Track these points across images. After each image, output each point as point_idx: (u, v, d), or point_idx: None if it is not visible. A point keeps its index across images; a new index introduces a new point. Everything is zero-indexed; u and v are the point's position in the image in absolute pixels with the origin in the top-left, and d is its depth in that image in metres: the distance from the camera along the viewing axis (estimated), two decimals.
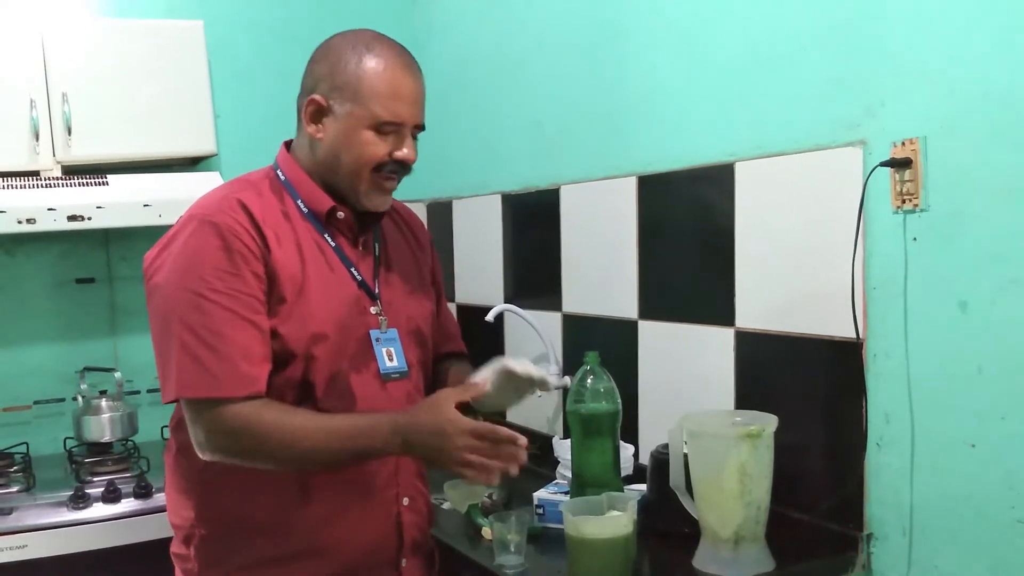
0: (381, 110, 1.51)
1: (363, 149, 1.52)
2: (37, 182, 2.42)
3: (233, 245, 1.45)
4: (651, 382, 2.14)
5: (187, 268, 1.46)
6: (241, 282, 1.45)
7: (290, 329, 1.49)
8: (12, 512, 2.21)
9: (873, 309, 1.63)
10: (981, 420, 1.48)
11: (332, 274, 1.56)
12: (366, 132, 1.51)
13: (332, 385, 1.53)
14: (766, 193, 1.82)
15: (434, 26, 3.02)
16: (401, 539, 1.60)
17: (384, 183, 1.55)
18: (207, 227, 1.47)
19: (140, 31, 2.59)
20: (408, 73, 1.55)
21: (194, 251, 1.46)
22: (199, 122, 2.64)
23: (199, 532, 1.56)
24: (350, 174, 1.54)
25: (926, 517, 1.57)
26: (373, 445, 1.46)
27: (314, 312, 1.51)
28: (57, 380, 2.77)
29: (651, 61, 2.10)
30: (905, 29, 1.55)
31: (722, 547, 1.62)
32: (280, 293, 1.49)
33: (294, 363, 1.50)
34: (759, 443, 1.60)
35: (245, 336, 1.45)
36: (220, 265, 1.45)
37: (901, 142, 1.55)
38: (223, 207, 1.49)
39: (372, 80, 1.51)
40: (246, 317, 1.45)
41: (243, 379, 1.44)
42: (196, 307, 1.44)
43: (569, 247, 2.42)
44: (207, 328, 1.43)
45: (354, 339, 1.56)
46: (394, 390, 1.59)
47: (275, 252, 1.49)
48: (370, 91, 1.51)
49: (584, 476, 1.80)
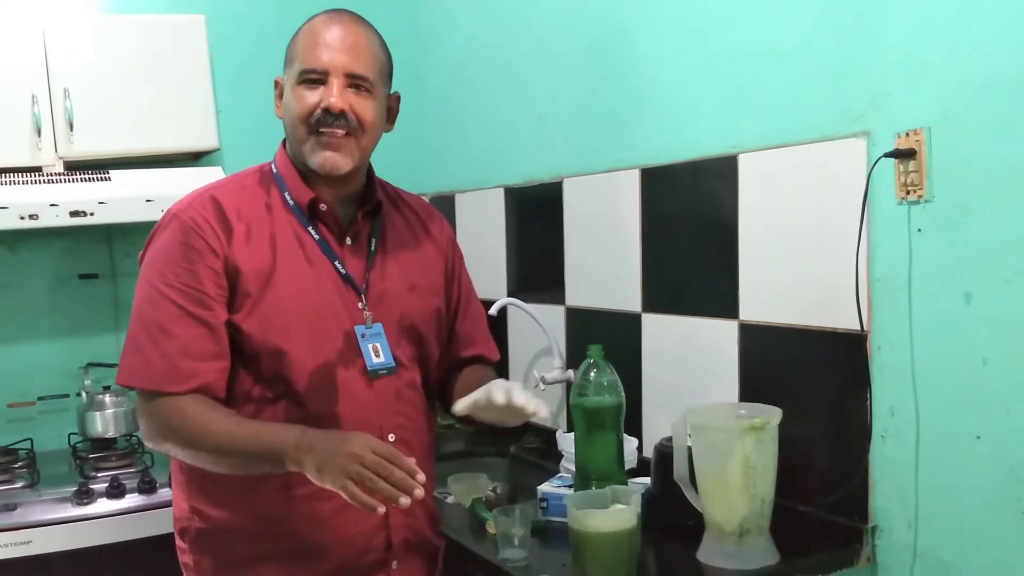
0: (305, 60, 1.52)
1: (294, 104, 1.53)
2: (39, 178, 2.42)
3: (191, 241, 1.49)
4: (655, 375, 2.14)
5: (151, 262, 1.52)
6: (193, 278, 1.48)
7: (254, 324, 1.49)
8: (17, 508, 2.21)
9: (877, 301, 1.62)
10: (986, 412, 1.47)
11: (309, 267, 1.55)
12: (296, 88, 1.53)
13: (314, 381, 1.52)
14: (770, 185, 1.81)
15: (437, 20, 3.02)
16: (389, 541, 1.58)
17: (324, 139, 1.52)
18: (174, 223, 1.52)
19: (142, 26, 2.59)
20: (331, 22, 1.54)
21: (160, 246, 1.52)
22: (201, 117, 2.64)
23: (194, 525, 1.58)
24: (293, 136, 1.55)
25: (931, 510, 1.57)
26: (277, 445, 1.39)
27: (282, 306, 1.51)
28: (61, 376, 2.77)
29: (654, 53, 2.09)
30: (909, 20, 1.54)
31: (726, 540, 1.62)
32: (244, 288, 1.50)
33: (263, 358, 1.50)
34: (763, 436, 1.60)
35: (189, 332, 1.47)
36: (177, 260, 1.49)
37: (905, 133, 1.54)
38: (193, 203, 1.53)
39: (301, 37, 1.56)
40: (193, 313, 1.47)
41: (179, 374, 1.46)
42: (149, 300, 1.50)
43: (572, 240, 2.41)
44: (153, 321, 1.48)
45: (338, 334, 1.54)
46: (381, 387, 1.57)
47: (239, 247, 1.50)
48: (298, 48, 1.55)
49: (588, 469, 1.81)
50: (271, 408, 1.52)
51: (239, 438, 1.44)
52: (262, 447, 1.42)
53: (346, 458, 1.32)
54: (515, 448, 2.51)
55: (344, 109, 1.50)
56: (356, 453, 1.32)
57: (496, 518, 1.74)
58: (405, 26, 3.08)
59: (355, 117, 1.52)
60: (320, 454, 1.36)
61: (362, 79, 1.53)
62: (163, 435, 1.49)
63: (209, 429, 1.45)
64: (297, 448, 1.38)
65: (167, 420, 1.47)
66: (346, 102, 1.51)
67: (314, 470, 1.36)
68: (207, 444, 1.45)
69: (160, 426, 1.48)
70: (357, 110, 1.52)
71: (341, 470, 1.32)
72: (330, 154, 1.52)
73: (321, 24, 1.54)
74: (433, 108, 3.05)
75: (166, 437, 1.49)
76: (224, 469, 1.48)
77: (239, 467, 1.47)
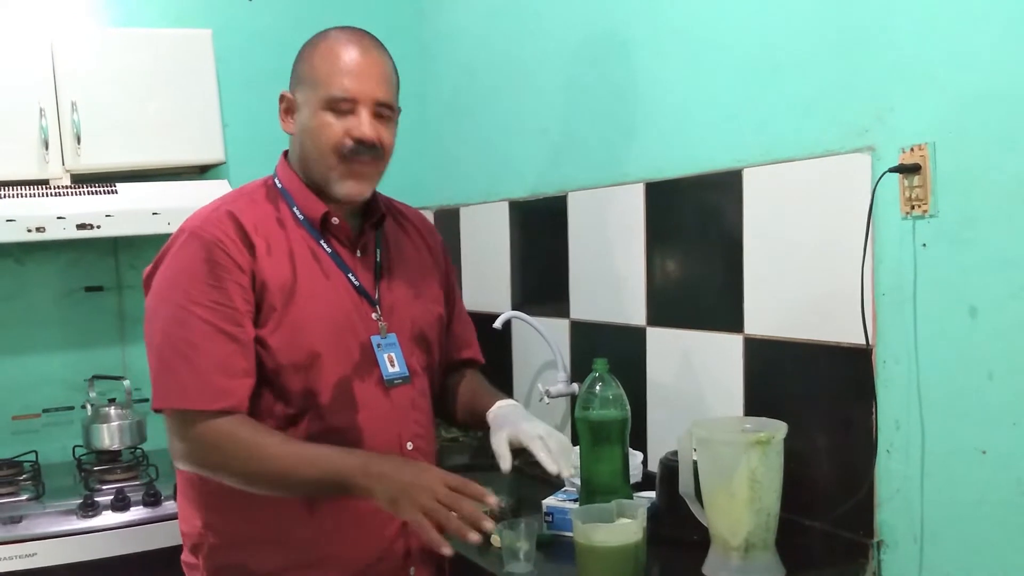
0: (331, 86, 1.51)
1: (321, 132, 1.52)
2: (46, 191, 2.43)
3: (216, 258, 1.47)
4: (660, 389, 2.14)
5: (172, 281, 1.49)
6: (223, 295, 1.46)
7: (280, 339, 1.49)
8: (22, 520, 2.21)
9: (882, 315, 1.62)
10: (992, 426, 1.47)
11: (327, 281, 1.55)
12: (322, 114, 1.52)
13: (337, 393, 1.52)
14: (774, 199, 1.82)
15: (441, 34, 3.03)
16: (408, 547, 1.59)
17: (354, 167, 1.53)
18: (194, 240, 1.49)
19: (149, 40, 2.60)
20: (357, 48, 1.53)
21: (180, 265, 1.49)
22: (207, 131, 2.65)
23: (208, 541, 1.56)
24: (318, 163, 1.54)
25: (937, 524, 1.57)
26: (342, 472, 1.41)
27: (306, 320, 1.51)
28: (66, 388, 2.77)
29: (658, 67, 2.10)
30: (913, 34, 1.55)
31: (732, 554, 1.61)
32: (270, 302, 1.49)
33: (289, 373, 1.50)
34: (769, 450, 1.59)
35: (222, 349, 1.45)
36: (202, 278, 1.46)
37: (910, 148, 1.55)
38: (211, 219, 1.51)
39: (321, 59, 1.53)
40: (224, 330, 1.45)
41: (216, 392, 1.44)
42: (176, 319, 1.46)
43: (577, 254, 2.42)
44: (184, 340, 1.45)
45: (355, 345, 1.55)
46: (398, 396, 1.59)
47: (263, 261, 1.49)
48: (321, 71, 1.52)
49: (593, 483, 1.80)
50: (293, 424, 1.52)
51: (301, 464, 1.43)
52: (326, 474, 1.42)
53: (421, 491, 1.34)
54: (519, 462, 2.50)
55: (375, 140, 1.52)
56: (430, 487, 1.35)
57: (501, 532, 1.73)
58: (410, 39, 3.09)
59: (381, 146, 1.54)
60: (393, 484, 1.37)
61: (387, 107, 1.55)
62: (210, 460, 1.46)
63: (266, 454, 1.43)
64: (366, 475, 1.39)
65: (217, 446, 1.44)
66: (376, 133, 1.52)
67: (386, 500, 1.37)
68: (265, 470, 1.44)
69: (207, 451, 1.45)
70: (383, 139, 1.54)
71: (415, 503, 1.34)
72: (356, 183, 1.54)
73: (342, 47, 1.53)
74: (438, 121, 3.06)
75: (214, 462, 1.46)
76: (280, 494, 1.47)
77: (298, 492, 1.48)
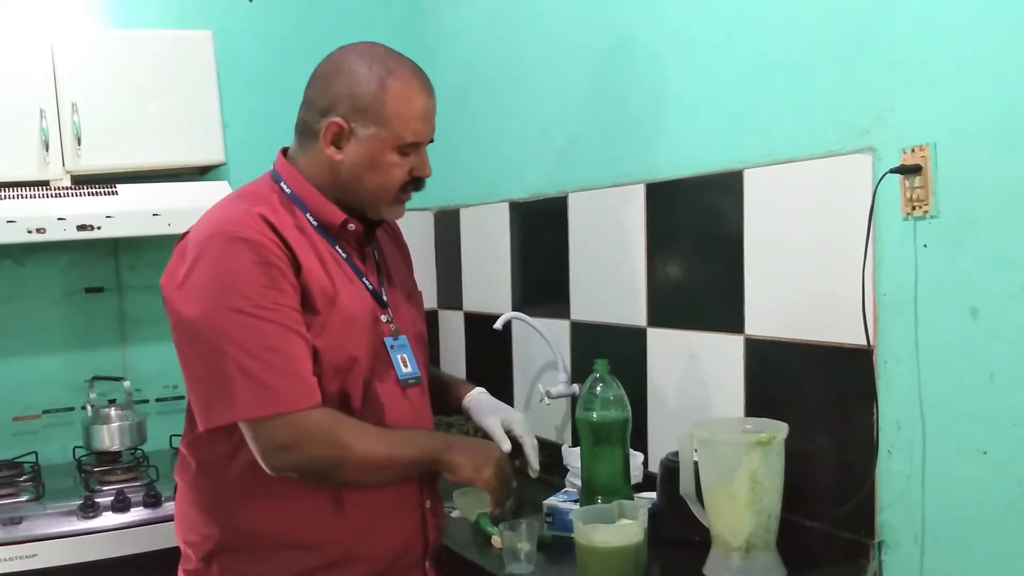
0: (406, 132, 1.53)
1: (390, 171, 1.54)
2: (47, 192, 2.43)
3: (268, 259, 1.44)
4: (660, 390, 2.14)
5: (226, 288, 1.42)
6: (283, 296, 1.44)
7: (325, 342, 1.48)
8: (22, 521, 2.21)
9: (883, 316, 1.62)
10: (993, 427, 1.47)
11: (352, 285, 1.56)
12: (391, 154, 1.54)
13: (365, 396, 1.54)
14: (775, 200, 1.82)
15: (443, 35, 3.03)
16: (427, 541, 1.62)
17: (403, 197, 1.59)
18: (238, 243, 1.43)
19: (149, 42, 2.60)
20: (427, 92, 1.58)
21: (228, 270, 1.43)
22: (208, 132, 2.65)
23: (225, 549, 1.53)
24: (374, 194, 1.56)
25: (938, 525, 1.57)
26: (433, 449, 1.54)
27: (344, 324, 1.51)
28: (66, 389, 2.77)
29: (659, 68, 2.10)
30: (914, 35, 1.55)
31: (733, 555, 1.61)
32: (314, 306, 1.48)
33: (329, 376, 1.49)
34: (770, 451, 1.60)
35: (298, 349, 1.44)
36: (259, 281, 1.42)
37: (911, 148, 1.55)
38: (246, 222, 1.46)
39: (396, 103, 1.53)
40: (295, 330, 1.44)
41: (306, 390, 1.44)
42: (245, 326, 1.41)
43: (577, 255, 2.42)
44: (261, 346, 1.41)
45: (376, 348, 1.57)
46: (413, 396, 1.61)
47: (305, 264, 1.48)
48: (395, 114, 1.52)
49: (594, 484, 1.80)
50: None
51: (402, 445, 1.52)
52: (422, 453, 1.54)
53: (497, 463, 1.57)
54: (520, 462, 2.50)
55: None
56: (502, 459, 1.60)
57: (502, 533, 1.73)
58: (411, 40, 3.08)
59: None
60: (475, 456, 1.56)
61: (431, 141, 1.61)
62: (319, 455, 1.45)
63: (372, 439, 1.49)
64: (450, 450, 1.55)
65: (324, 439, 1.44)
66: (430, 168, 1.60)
67: (470, 468, 1.55)
68: (374, 455, 1.49)
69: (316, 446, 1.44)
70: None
71: (495, 472, 1.56)
72: (401, 208, 1.62)
73: (415, 92, 1.56)
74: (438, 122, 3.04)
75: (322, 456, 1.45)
76: (377, 479, 1.52)
77: (393, 475, 1.54)
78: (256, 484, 1.48)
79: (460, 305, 2.96)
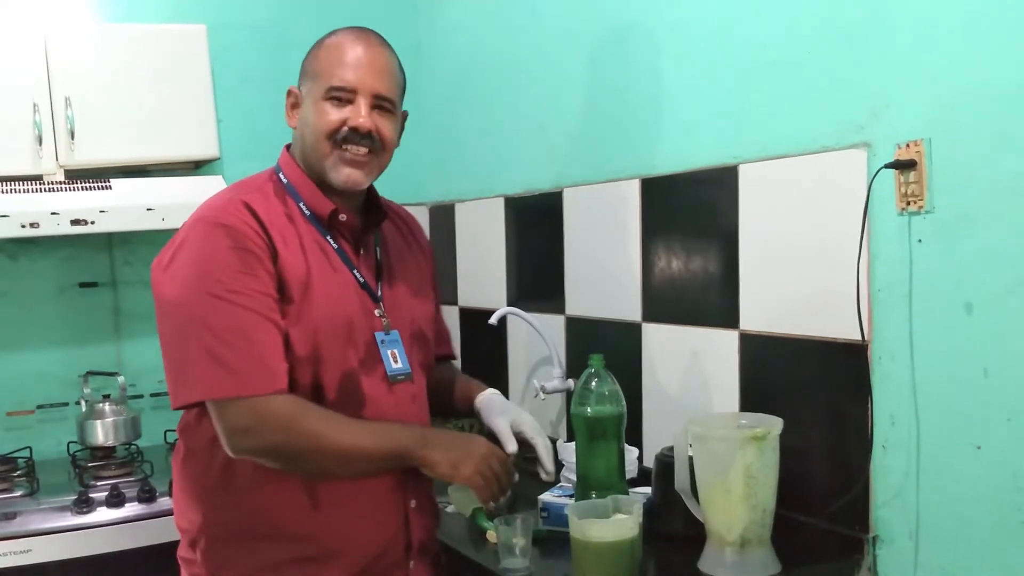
0: (332, 78, 1.54)
1: (318, 119, 1.55)
2: (40, 186, 2.42)
3: (245, 245, 1.47)
4: (655, 385, 2.14)
5: (201, 272, 1.46)
6: (257, 281, 1.46)
7: (298, 331, 1.50)
8: (16, 517, 2.21)
9: (878, 311, 1.62)
10: (987, 422, 1.47)
11: (335, 275, 1.56)
12: (321, 103, 1.55)
13: (342, 388, 1.54)
14: (770, 195, 1.82)
15: (437, 31, 3.03)
16: (409, 541, 1.61)
17: (348, 155, 1.55)
18: (217, 229, 1.48)
19: (143, 36, 2.60)
20: (358, 41, 1.57)
21: (206, 254, 1.47)
22: (202, 126, 2.64)
23: (207, 536, 1.56)
24: (315, 150, 1.56)
25: (932, 520, 1.57)
26: (404, 443, 1.51)
27: (319, 313, 1.52)
28: (60, 384, 2.77)
29: (654, 63, 2.10)
30: (909, 31, 1.55)
31: (728, 550, 1.61)
32: (288, 294, 1.50)
33: (302, 365, 1.50)
34: (764, 446, 1.60)
35: (266, 334, 1.46)
36: (234, 266, 1.46)
37: (905, 144, 1.55)
38: (229, 209, 1.50)
39: (326, 54, 1.57)
40: (265, 315, 1.46)
41: (269, 375, 1.45)
42: (214, 309, 1.44)
43: (572, 250, 2.42)
44: (228, 329, 1.44)
45: (361, 341, 1.56)
46: (400, 392, 1.60)
47: (282, 252, 1.50)
48: (324, 64, 1.56)
49: (589, 479, 1.80)
50: None
51: (367, 438, 1.50)
52: (389, 446, 1.51)
53: (481, 459, 1.53)
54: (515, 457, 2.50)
55: (371, 129, 1.54)
56: (487, 455, 1.54)
57: (497, 528, 1.73)
58: (405, 35, 3.06)
59: (379, 137, 1.56)
60: (453, 451, 1.53)
61: (387, 100, 1.57)
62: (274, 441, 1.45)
63: (334, 430, 1.48)
64: (424, 445, 1.52)
65: (283, 425, 1.44)
66: (372, 123, 1.54)
67: (447, 465, 1.52)
68: (334, 446, 1.47)
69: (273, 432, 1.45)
70: (381, 130, 1.56)
71: (477, 469, 1.52)
72: (352, 171, 1.56)
73: (349, 42, 1.56)
74: (433, 117, 3.05)
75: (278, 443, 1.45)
76: (341, 471, 1.51)
77: (360, 467, 1.52)
78: (236, 473, 1.51)
79: (455, 300, 2.96)
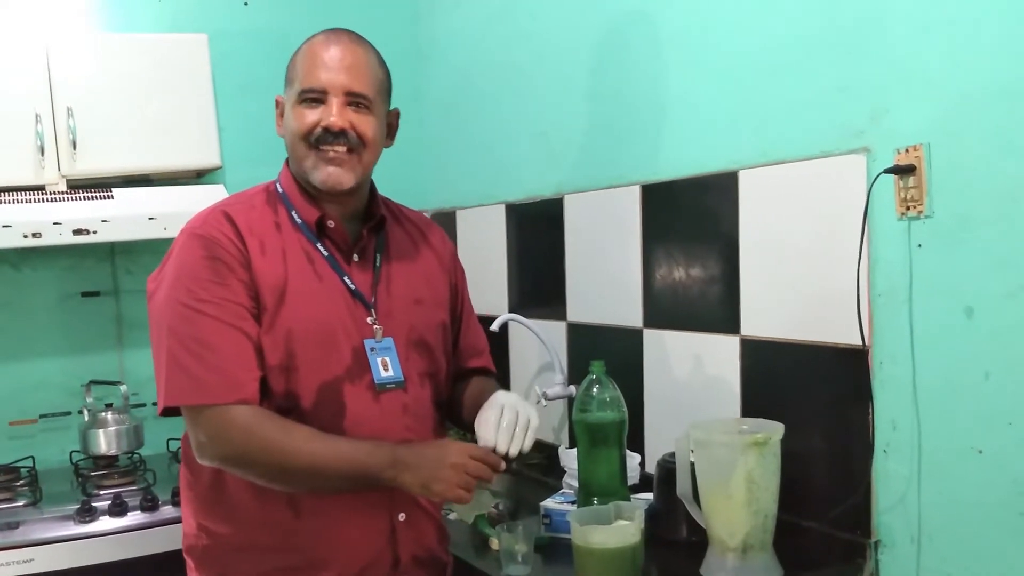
0: (305, 80, 1.55)
1: (294, 123, 1.55)
2: (42, 196, 2.43)
3: (217, 255, 1.49)
4: (657, 391, 2.14)
5: (175, 281, 1.50)
6: (227, 291, 1.48)
7: (272, 339, 1.50)
8: (19, 526, 2.21)
9: (879, 316, 1.63)
10: (988, 426, 1.47)
11: (320, 283, 1.55)
12: (297, 107, 1.55)
13: (321, 396, 1.52)
14: (770, 201, 1.82)
15: (438, 38, 3.04)
16: (396, 555, 1.59)
17: (325, 155, 1.54)
18: (193, 240, 1.51)
19: (145, 45, 2.60)
20: (329, 42, 1.57)
21: (181, 264, 1.50)
22: (204, 135, 2.65)
23: (201, 543, 1.58)
24: (294, 154, 1.57)
25: (934, 524, 1.57)
26: (369, 465, 1.45)
27: (294, 320, 1.51)
28: (63, 393, 2.77)
29: (654, 70, 2.10)
30: (908, 35, 1.55)
31: (730, 555, 1.61)
32: (263, 302, 1.51)
33: (275, 373, 1.50)
34: (766, 451, 1.60)
35: (232, 344, 1.47)
36: (204, 275, 1.48)
37: (905, 149, 1.55)
38: (208, 220, 1.54)
39: (299, 58, 1.58)
40: (233, 324, 1.47)
41: (232, 385, 1.45)
42: (183, 317, 1.47)
43: (573, 256, 2.42)
44: (193, 337, 1.46)
45: (347, 349, 1.55)
46: (388, 402, 1.57)
47: (256, 261, 1.51)
48: (297, 69, 1.57)
49: (591, 485, 1.80)
50: None
51: (329, 458, 1.45)
52: (356, 467, 1.46)
53: (451, 470, 1.44)
54: (517, 464, 2.51)
55: (344, 127, 1.53)
56: (458, 463, 1.44)
57: (499, 534, 1.74)
58: (406, 42, 3.10)
59: (356, 134, 1.54)
60: (422, 470, 1.44)
61: (361, 97, 1.55)
62: (234, 453, 1.46)
63: (293, 448, 1.45)
64: (393, 467, 1.45)
65: (240, 439, 1.44)
66: (346, 120, 1.53)
67: (418, 486, 1.45)
68: (293, 465, 1.45)
69: (230, 444, 1.45)
70: (358, 127, 1.54)
71: (450, 482, 1.43)
72: (333, 169, 1.54)
73: (320, 44, 1.56)
74: (434, 124, 3.06)
75: (238, 455, 1.46)
76: (306, 488, 1.49)
77: (325, 487, 1.49)
78: (224, 482, 1.52)
79: None
